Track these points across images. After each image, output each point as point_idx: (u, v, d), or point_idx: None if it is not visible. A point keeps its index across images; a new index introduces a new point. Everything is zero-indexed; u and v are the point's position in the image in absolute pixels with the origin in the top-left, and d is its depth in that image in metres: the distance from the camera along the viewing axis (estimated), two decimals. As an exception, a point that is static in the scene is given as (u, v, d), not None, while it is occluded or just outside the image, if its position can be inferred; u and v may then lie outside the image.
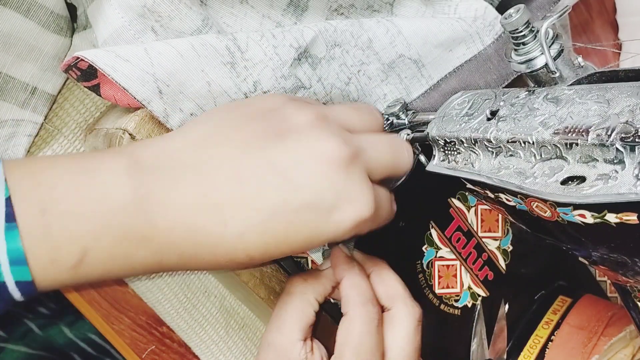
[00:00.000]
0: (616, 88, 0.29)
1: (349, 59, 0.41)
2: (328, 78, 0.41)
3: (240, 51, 0.36)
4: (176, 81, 0.35)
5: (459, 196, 0.48)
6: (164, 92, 0.35)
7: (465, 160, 0.34)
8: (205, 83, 0.36)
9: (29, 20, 0.38)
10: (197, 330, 0.50)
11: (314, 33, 0.39)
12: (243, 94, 0.37)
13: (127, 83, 0.34)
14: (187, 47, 0.35)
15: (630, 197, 0.25)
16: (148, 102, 0.35)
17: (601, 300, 0.53)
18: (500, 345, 0.50)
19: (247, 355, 0.52)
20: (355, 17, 0.43)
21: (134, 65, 0.34)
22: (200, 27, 0.37)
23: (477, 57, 0.45)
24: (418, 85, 0.45)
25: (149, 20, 0.36)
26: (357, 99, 0.43)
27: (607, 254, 0.30)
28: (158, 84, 0.35)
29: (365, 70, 0.42)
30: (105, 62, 0.34)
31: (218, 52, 0.36)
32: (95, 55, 0.34)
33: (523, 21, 0.32)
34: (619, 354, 0.48)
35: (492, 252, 0.50)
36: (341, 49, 0.41)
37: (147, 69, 0.34)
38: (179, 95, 0.36)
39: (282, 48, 0.38)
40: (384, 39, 0.42)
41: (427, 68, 0.44)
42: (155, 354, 0.49)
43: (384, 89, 0.43)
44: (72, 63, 0.35)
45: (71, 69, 0.35)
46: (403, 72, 0.44)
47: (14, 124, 0.40)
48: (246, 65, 0.37)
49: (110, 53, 0.34)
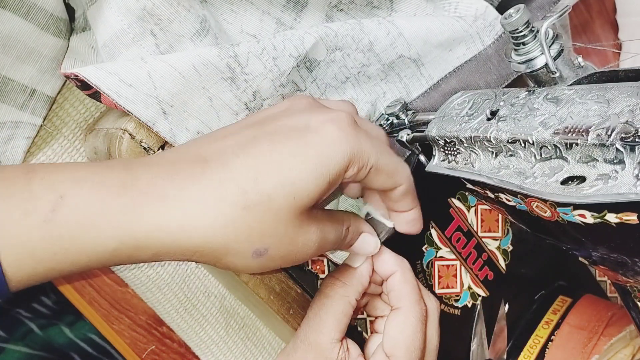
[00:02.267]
0: (616, 88, 0.29)
1: (350, 62, 0.41)
2: (324, 79, 0.41)
3: (240, 66, 0.37)
4: (179, 101, 0.36)
5: (459, 196, 0.48)
6: (168, 113, 0.36)
7: (465, 160, 0.34)
8: (207, 99, 0.36)
9: (29, 22, 0.38)
10: (197, 330, 0.50)
11: (315, 39, 0.39)
12: (243, 104, 0.38)
13: (131, 107, 0.35)
14: (188, 67, 0.35)
15: (630, 197, 0.25)
16: (153, 123, 0.36)
17: (601, 300, 0.53)
18: (500, 345, 0.50)
19: (247, 355, 0.52)
20: (355, 13, 0.43)
21: (138, 90, 0.35)
22: (199, 30, 0.37)
23: (477, 57, 0.45)
24: (418, 85, 0.45)
25: (149, 23, 0.36)
26: (355, 98, 0.43)
27: (607, 254, 0.30)
28: (162, 106, 0.35)
29: (365, 71, 0.42)
30: (108, 87, 0.34)
31: (219, 70, 0.36)
32: (98, 78, 0.34)
33: (523, 21, 0.32)
34: (619, 354, 0.48)
35: (492, 252, 0.50)
36: (342, 52, 0.41)
37: (150, 92, 0.35)
38: (183, 114, 0.36)
39: (281, 59, 0.38)
40: (384, 41, 0.42)
41: (426, 67, 0.44)
42: (155, 354, 0.49)
43: (383, 87, 0.44)
44: (71, 76, 0.35)
45: (69, 79, 0.36)
46: (402, 72, 0.44)
47: (13, 126, 0.40)
48: (246, 79, 0.37)
49: (113, 76, 0.34)
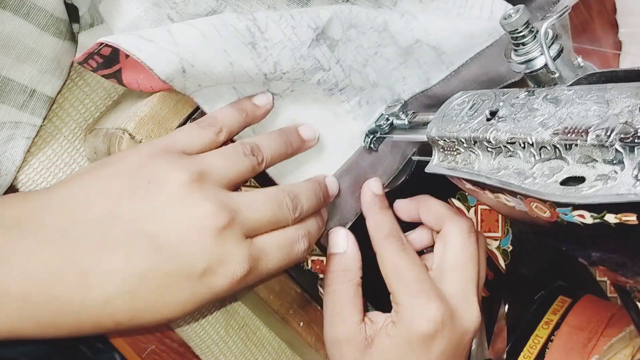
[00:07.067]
0: (616, 88, 0.29)
1: (365, 41, 0.41)
2: (346, 60, 0.41)
3: (260, 31, 0.36)
4: (200, 61, 0.35)
5: (459, 196, 0.48)
6: (188, 72, 0.35)
7: (464, 160, 0.34)
8: (229, 64, 0.36)
9: (29, 23, 0.38)
10: (197, 330, 0.50)
11: (330, 14, 0.39)
12: (263, 74, 0.37)
13: (152, 62, 0.34)
14: (209, 28, 0.35)
15: (630, 198, 0.25)
16: (171, 80, 0.35)
17: (601, 300, 0.53)
18: (500, 345, 0.50)
19: (247, 355, 0.52)
20: (362, 3, 0.43)
21: (158, 45, 0.34)
22: (214, 8, 0.37)
23: (499, 42, 0.44)
24: (438, 72, 0.44)
25: (164, 8, 0.36)
26: (376, 82, 0.42)
27: (607, 255, 0.30)
28: (183, 64, 0.34)
29: (382, 52, 0.42)
30: (129, 44, 0.34)
31: (239, 32, 0.36)
32: (118, 38, 0.34)
33: (523, 21, 0.32)
34: (618, 355, 0.48)
35: (491, 252, 0.50)
36: (357, 30, 0.40)
37: (172, 48, 0.34)
38: (202, 75, 0.35)
39: (300, 29, 0.37)
40: (399, 22, 0.42)
41: (447, 55, 0.44)
42: (155, 353, 0.49)
43: (402, 72, 0.43)
44: (95, 50, 0.34)
45: (91, 58, 0.35)
46: (422, 58, 0.43)
47: (13, 127, 0.40)
48: (266, 46, 0.37)
49: (134, 35, 0.34)
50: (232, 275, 0.31)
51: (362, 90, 0.42)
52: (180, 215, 0.30)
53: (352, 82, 0.41)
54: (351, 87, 0.41)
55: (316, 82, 0.39)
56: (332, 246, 0.41)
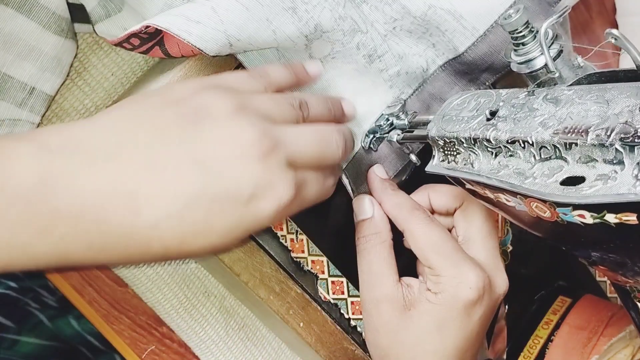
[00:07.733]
0: (615, 88, 0.29)
1: (380, 16, 0.41)
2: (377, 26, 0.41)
3: None
4: (245, 34, 0.35)
5: (459, 196, 0.48)
6: (234, 45, 0.35)
7: (464, 160, 0.34)
8: (272, 32, 0.36)
9: (31, 20, 0.38)
10: (197, 330, 0.50)
11: None
12: (304, 36, 0.38)
13: (202, 44, 0.34)
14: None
15: (630, 198, 0.25)
16: (218, 53, 0.35)
17: (601, 300, 0.53)
18: (500, 345, 0.50)
19: (247, 355, 0.52)
20: None
21: (207, 26, 0.34)
22: None
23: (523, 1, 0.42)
24: (463, 38, 0.43)
25: None
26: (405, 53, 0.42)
27: (607, 254, 0.30)
28: (230, 40, 0.35)
29: (400, 25, 0.42)
30: (179, 27, 0.34)
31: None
32: (165, 22, 0.34)
33: (522, 21, 0.32)
34: (618, 354, 0.48)
35: (492, 252, 0.50)
36: (369, 5, 0.40)
37: (218, 26, 0.34)
38: (248, 46, 0.36)
39: None
40: None
41: (466, 19, 0.42)
42: (155, 354, 0.49)
43: (430, 40, 0.43)
44: (141, 31, 0.35)
45: (132, 38, 0.35)
46: (442, 25, 0.42)
47: (11, 124, 0.41)
48: (307, 9, 0.37)
49: (180, 17, 0.34)
50: (278, 199, 0.31)
51: (401, 59, 0.42)
52: (227, 140, 0.31)
53: (390, 48, 0.41)
54: (390, 55, 0.42)
55: (355, 45, 0.40)
56: (359, 213, 0.42)
